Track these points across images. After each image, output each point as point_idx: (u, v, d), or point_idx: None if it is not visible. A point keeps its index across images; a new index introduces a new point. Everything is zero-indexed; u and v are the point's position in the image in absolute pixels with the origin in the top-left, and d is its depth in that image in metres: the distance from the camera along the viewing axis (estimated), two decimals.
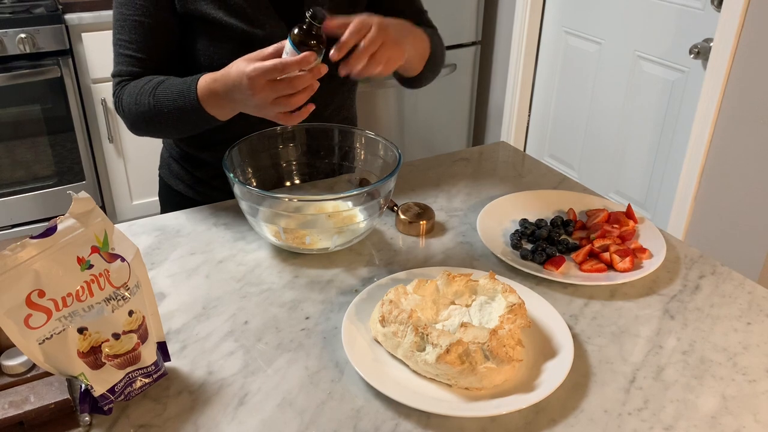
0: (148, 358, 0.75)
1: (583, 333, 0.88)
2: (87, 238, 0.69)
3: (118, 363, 0.73)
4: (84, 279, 0.69)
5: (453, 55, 2.89)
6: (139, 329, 0.73)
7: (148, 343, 0.75)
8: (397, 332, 0.80)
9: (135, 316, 0.73)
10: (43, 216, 2.49)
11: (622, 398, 0.77)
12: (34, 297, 0.65)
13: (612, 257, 0.99)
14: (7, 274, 0.64)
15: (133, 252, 0.74)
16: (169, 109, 1.06)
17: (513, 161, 1.37)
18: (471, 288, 0.89)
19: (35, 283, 0.65)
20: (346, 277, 0.98)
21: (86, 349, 0.70)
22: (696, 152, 2.17)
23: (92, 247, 0.70)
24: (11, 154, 2.37)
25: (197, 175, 1.30)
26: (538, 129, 3.00)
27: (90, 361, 0.70)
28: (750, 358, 0.84)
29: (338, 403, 0.76)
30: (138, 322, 0.73)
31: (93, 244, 0.70)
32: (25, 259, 0.65)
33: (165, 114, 1.07)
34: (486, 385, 0.76)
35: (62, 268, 0.67)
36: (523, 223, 1.10)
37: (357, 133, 1.15)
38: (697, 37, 2.16)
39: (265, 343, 0.85)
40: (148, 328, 0.75)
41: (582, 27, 2.62)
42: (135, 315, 0.73)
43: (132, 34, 1.12)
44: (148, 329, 0.75)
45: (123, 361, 0.73)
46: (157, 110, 1.07)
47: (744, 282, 0.98)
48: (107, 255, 0.71)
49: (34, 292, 0.65)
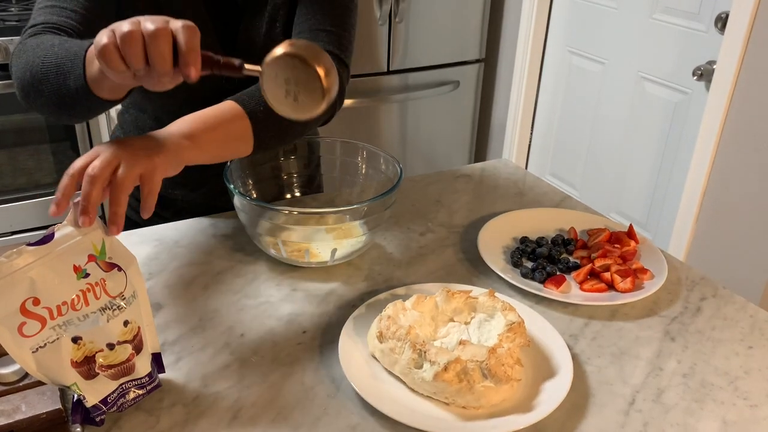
0: (142, 369, 0.74)
1: (583, 353, 0.87)
2: (84, 246, 0.69)
3: (111, 374, 0.72)
4: (80, 288, 0.68)
5: (456, 72, 2.90)
6: (134, 340, 0.73)
7: (142, 354, 0.74)
8: (395, 349, 0.79)
9: (130, 326, 0.72)
10: (43, 223, 2.49)
11: (621, 420, 0.76)
12: (29, 305, 0.65)
13: (613, 277, 0.99)
14: (2, 280, 0.63)
15: (130, 261, 0.73)
16: (52, 65, 0.83)
17: (514, 179, 1.37)
18: (470, 305, 0.88)
19: (30, 290, 0.65)
20: (344, 291, 0.98)
21: (80, 358, 0.69)
22: (698, 174, 2.17)
23: (89, 255, 0.69)
24: (13, 161, 2.37)
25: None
26: (540, 147, 3.00)
27: (83, 371, 0.69)
28: (751, 383, 0.83)
29: (334, 420, 0.75)
30: (133, 333, 0.72)
31: (90, 252, 0.69)
32: (21, 266, 0.64)
33: (47, 72, 0.83)
34: (483, 405, 0.75)
35: (58, 277, 0.66)
36: (524, 241, 1.09)
37: (359, 146, 1.15)
38: (700, 59, 2.17)
39: (261, 357, 0.84)
40: (143, 339, 0.74)
41: (586, 47, 2.63)
42: (130, 325, 0.72)
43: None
44: (143, 340, 0.74)
45: (117, 371, 0.72)
46: (42, 66, 0.84)
47: (746, 305, 0.98)
48: (104, 264, 0.70)
49: (28, 300, 0.65)
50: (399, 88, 2.79)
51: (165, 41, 0.65)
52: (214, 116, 0.92)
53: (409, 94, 2.81)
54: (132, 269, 0.73)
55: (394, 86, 2.78)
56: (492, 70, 3.06)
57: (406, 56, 2.74)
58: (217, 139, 0.91)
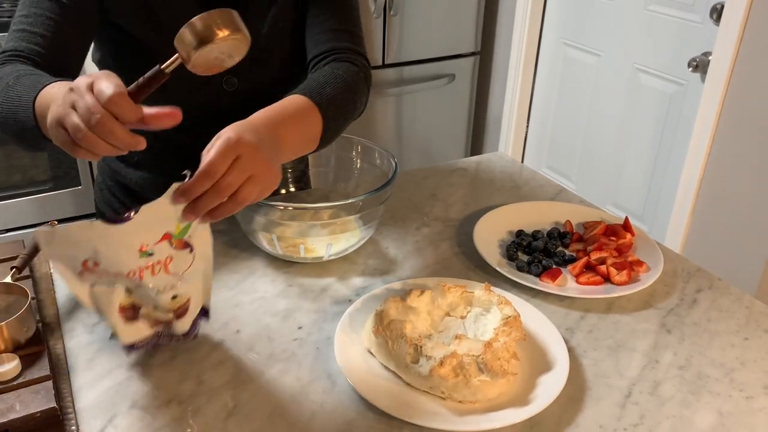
0: (179, 329, 0.79)
1: (579, 346, 0.87)
2: (163, 227, 0.71)
3: (151, 323, 0.77)
4: (139, 265, 0.71)
5: (452, 65, 2.89)
6: (177, 310, 0.77)
7: (184, 318, 0.79)
8: (391, 344, 0.79)
9: (178, 299, 0.76)
10: (38, 221, 2.48)
11: (617, 413, 0.76)
12: (89, 264, 0.69)
13: (609, 270, 0.99)
14: (70, 240, 0.67)
15: (206, 244, 0.76)
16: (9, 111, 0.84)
17: (510, 172, 1.36)
18: (466, 299, 0.88)
19: (93, 255, 0.68)
20: (340, 286, 0.97)
21: (127, 305, 0.74)
22: (694, 165, 2.17)
23: (165, 234, 0.71)
24: (8, 158, 2.36)
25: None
26: (536, 140, 3.00)
27: (126, 315, 0.75)
28: (747, 374, 0.83)
29: (330, 415, 0.74)
30: (179, 305, 0.76)
31: (168, 231, 0.71)
32: (89, 237, 0.67)
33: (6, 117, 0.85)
34: (480, 399, 0.75)
35: (121, 253, 0.69)
36: (520, 235, 1.09)
37: (353, 141, 1.15)
38: (695, 51, 2.16)
39: (256, 353, 0.84)
40: (189, 309, 0.78)
41: (581, 39, 2.62)
42: (178, 299, 0.76)
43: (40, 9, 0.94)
44: (188, 309, 0.78)
45: (156, 323, 0.77)
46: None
47: (742, 297, 0.98)
48: (178, 242, 0.73)
49: (90, 260, 0.68)
50: (394, 81, 2.78)
51: (110, 124, 0.63)
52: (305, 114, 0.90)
53: (404, 87, 2.80)
54: (204, 251, 0.76)
55: (389, 80, 2.77)
56: (487, 62, 3.05)
57: (401, 49, 2.73)
58: (303, 140, 0.90)
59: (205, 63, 0.68)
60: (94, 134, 0.64)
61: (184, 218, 0.70)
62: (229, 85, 1.07)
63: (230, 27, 0.66)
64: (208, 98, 1.07)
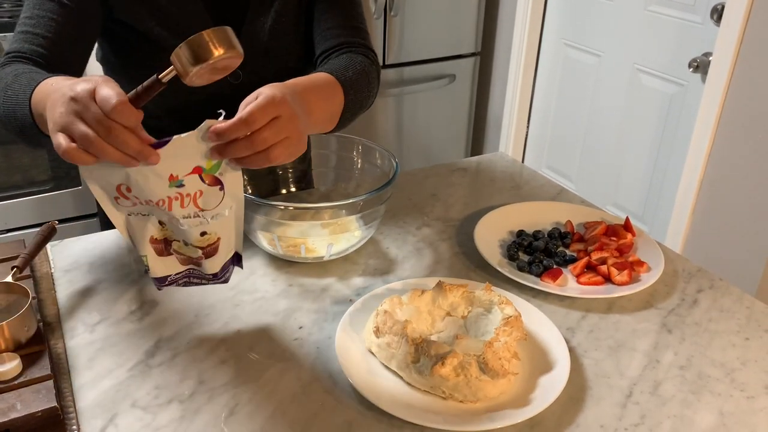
0: (208, 269, 0.80)
1: (580, 346, 0.87)
2: (195, 159, 0.71)
3: (182, 259, 0.79)
4: (168, 194, 0.72)
5: (452, 65, 2.90)
6: (206, 248, 0.77)
7: (213, 258, 0.79)
8: (392, 343, 0.79)
9: (206, 237, 0.76)
10: (38, 221, 2.48)
11: (618, 413, 0.76)
12: (123, 189, 0.71)
13: (609, 270, 0.99)
14: (105, 163, 0.68)
15: (236, 185, 0.75)
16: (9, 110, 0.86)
17: (511, 172, 1.36)
18: (467, 299, 0.88)
19: (125, 179, 0.70)
20: (340, 286, 0.97)
21: (160, 238, 0.77)
22: (694, 165, 2.17)
23: (196, 167, 0.71)
24: (8, 158, 2.36)
25: None
26: (536, 140, 3.00)
27: (158, 248, 0.78)
28: (748, 374, 0.83)
29: (330, 415, 0.74)
30: (208, 243, 0.77)
31: (199, 164, 0.71)
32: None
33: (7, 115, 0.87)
34: (481, 399, 0.75)
35: (151, 179, 0.70)
36: (521, 235, 1.09)
37: (354, 141, 1.15)
38: (696, 51, 2.16)
39: (257, 353, 0.83)
40: (218, 249, 0.79)
41: (581, 39, 2.62)
42: (207, 236, 0.76)
43: (42, 10, 0.96)
44: (217, 249, 0.78)
45: (186, 260, 0.80)
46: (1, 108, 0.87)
47: (742, 296, 0.98)
48: (209, 177, 0.73)
49: (122, 185, 0.71)
50: (395, 82, 2.78)
51: (123, 134, 0.65)
52: (332, 89, 0.95)
53: (405, 87, 2.81)
54: (236, 192, 0.76)
55: (390, 80, 2.77)
56: (488, 63, 3.05)
57: (401, 50, 2.73)
58: (327, 114, 0.94)
59: (200, 78, 0.70)
60: (106, 143, 0.65)
61: (212, 156, 0.72)
62: (234, 77, 1.08)
63: (225, 45, 0.68)
64: (213, 91, 1.07)
